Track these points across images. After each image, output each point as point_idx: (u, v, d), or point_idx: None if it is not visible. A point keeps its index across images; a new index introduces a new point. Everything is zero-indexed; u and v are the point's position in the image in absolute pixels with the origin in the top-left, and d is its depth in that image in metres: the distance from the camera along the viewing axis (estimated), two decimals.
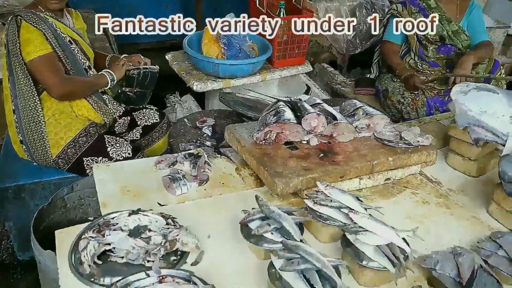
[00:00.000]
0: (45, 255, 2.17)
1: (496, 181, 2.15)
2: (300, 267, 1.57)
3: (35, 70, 2.69)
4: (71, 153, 2.91)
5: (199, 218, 1.98)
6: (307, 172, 2.12)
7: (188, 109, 4.18)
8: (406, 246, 1.72)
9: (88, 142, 2.93)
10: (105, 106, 3.02)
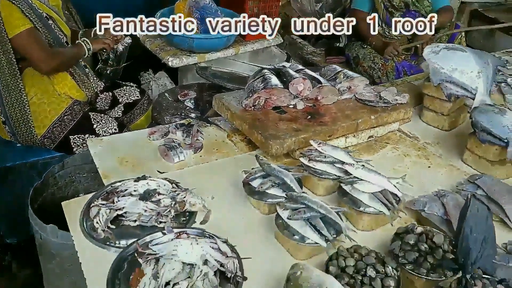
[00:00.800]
0: (48, 230, 2.22)
1: (468, 132, 2.36)
2: (306, 215, 1.71)
3: (20, 46, 2.67)
4: (57, 132, 2.92)
5: (200, 182, 2.07)
6: (298, 133, 2.24)
7: (163, 85, 4.20)
8: (398, 191, 1.88)
9: (74, 120, 2.94)
10: (88, 80, 3.04)
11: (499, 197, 1.90)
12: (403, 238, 1.67)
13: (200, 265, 1.53)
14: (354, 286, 1.48)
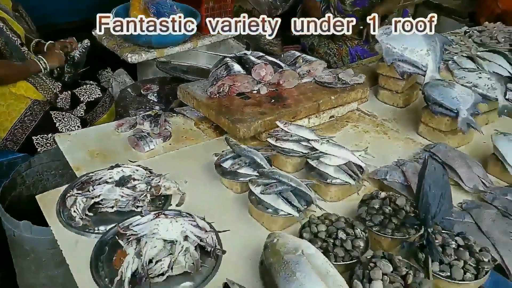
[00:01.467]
0: (21, 226, 2.21)
1: (421, 107, 2.52)
2: (278, 189, 1.80)
3: None
4: (19, 134, 2.89)
5: (172, 168, 2.13)
6: (263, 116, 2.33)
7: (123, 82, 4.20)
8: (361, 162, 2.01)
9: (35, 121, 2.92)
10: (44, 82, 3.02)
11: (452, 162, 2.06)
12: (368, 203, 1.80)
13: (181, 241, 1.60)
14: (327, 248, 1.59)
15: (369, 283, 1.44)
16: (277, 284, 1.44)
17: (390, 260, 1.51)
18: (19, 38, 2.96)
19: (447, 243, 1.58)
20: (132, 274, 1.52)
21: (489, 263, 1.55)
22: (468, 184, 2.01)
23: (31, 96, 2.94)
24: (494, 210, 1.82)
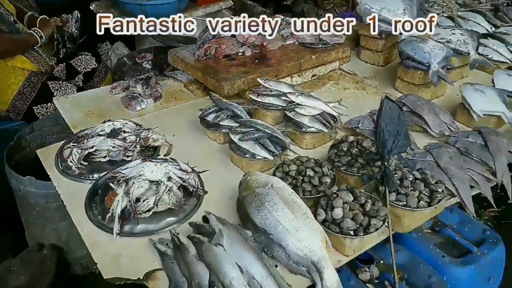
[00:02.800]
0: (26, 181, 2.41)
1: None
2: (255, 136, 1.97)
3: None
4: (20, 105, 3.06)
5: (161, 124, 2.30)
6: (247, 75, 2.48)
7: (121, 54, 4.34)
8: (334, 112, 2.16)
9: (34, 91, 3.08)
10: (39, 56, 3.17)
11: (420, 110, 2.20)
12: (338, 147, 1.96)
13: (165, 181, 1.77)
14: (296, 184, 1.76)
15: (331, 211, 1.61)
16: (249, 214, 1.61)
17: (352, 192, 1.68)
18: (11, 16, 3.11)
19: (405, 177, 1.74)
20: (122, 211, 1.70)
21: (442, 193, 1.71)
22: (435, 130, 2.16)
23: (28, 68, 3.09)
24: (453, 149, 1.97)
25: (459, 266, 1.91)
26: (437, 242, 2.04)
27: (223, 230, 1.54)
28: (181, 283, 1.48)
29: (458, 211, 2.15)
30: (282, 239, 1.52)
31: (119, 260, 1.61)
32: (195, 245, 1.53)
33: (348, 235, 1.58)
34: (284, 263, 1.55)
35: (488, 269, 1.98)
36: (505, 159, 1.94)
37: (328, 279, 1.47)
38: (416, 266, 1.91)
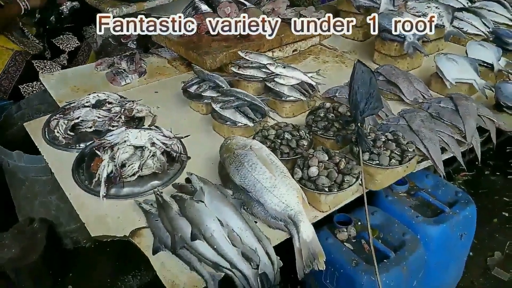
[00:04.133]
0: (14, 155, 2.46)
1: None
2: (235, 104, 2.04)
3: None
4: (5, 84, 3.09)
5: (146, 97, 2.36)
6: (228, 49, 2.55)
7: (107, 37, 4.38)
8: (312, 81, 2.24)
9: (19, 70, 3.11)
10: (27, 40, 3.20)
11: (395, 79, 2.29)
12: (315, 113, 2.04)
13: (149, 146, 1.84)
14: (275, 147, 1.84)
15: (307, 169, 1.70)
16: (229, 174, 1.69)
17: (327, 152, 1.76)
18: None
19: (378, 138, 1.83)
20: (108, 176, 1.78)
21: (413, 152, 1.81)
22: (409, 97, 2.25)
23: (11, 47, 3.12)
24: (425, 113, 2.06)
25: (431, 225, 2.01)
26: (412, 205, 2.13)
27: (204, 188, 1.61)
28: (165, 238, 1.56)
29: (432, 176, 2.25)
30: (261, 196, 1.61)
31: (106, 220, 1.68)
32: (177, 203, 1.61)
33: (323, 192, 1.67)
34: (263, 219, 1.63)
35: (460, 228, 2.08)
36: (474, 122, 2.03)
37: (304, 232, 1.56)
38: (391, 225, 2.01)
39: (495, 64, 2.40)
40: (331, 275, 1.92)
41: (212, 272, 1.48)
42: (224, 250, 1.49)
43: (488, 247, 2.77)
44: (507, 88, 2.16)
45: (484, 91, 2.26)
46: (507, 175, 3.32)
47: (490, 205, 3.05)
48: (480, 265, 2.66)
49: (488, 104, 2.24)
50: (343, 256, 1.87)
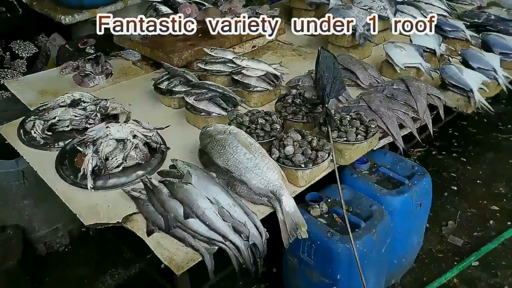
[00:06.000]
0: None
1: None
2: (208, 96, 2.17)
3: None
4: None
5: (117, 96, 2.42)
6: (193, 47, 2.67)
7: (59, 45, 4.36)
8: (277, 72, 2.40)
9: None
10: None
11: (352, 66, 2.50)
12: (283, 100, 2.20)
13: (131, 138, 1.93)
14: (251, 132, 1.98)
15: (283, 149, 1.85)
16: (212, 158, 1.81)
17: (299, 133, 1.92)
18: None
19: (343, 117, 2.01)
20: (93, 169, 1.85)
21: (375, 128, 2.00)
22: (364, 82, 2.45)
23: None
24: (382, 95, 2.27)
25: (394, 196, 2.21)
26: (375, 180, 2.33)
27: (191, 171, 1.73)
28: (158, 220, 1.65)
29: (390, 154, 2.46)
30: (244, 175, 1.74)
31: (97, 210, 1.75)
32: (167, 187, 1.71)
33: (300, 168, 1.82)
34: (246, 197, 1.77)
35: (419, 197, 2.30)
36: (425, 100, 2.26)
37: (286, 204, 1.71)
38: (358, 199, 2.19)
39: (437, 49, 2.67)
40: (309, 248, 2.08)
41: (207, 246, 1.60)
42: (216, 225, 1.61)
43: (442, 218, 3.03)
44: (450, 69, 2.41)
45: (430, 73, 2.51)
46: (452, 154, 3.63)
47: (439, 181, 3.33)
48: (436, 234, 2.91)
49: (434, 84, 2.48)
50: (318, 230, 2.03)
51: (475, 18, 3.21)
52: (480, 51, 2.66)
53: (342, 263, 1.98)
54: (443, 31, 2.91)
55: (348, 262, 1.96)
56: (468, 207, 3.10)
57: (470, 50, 2.63)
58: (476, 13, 3.32)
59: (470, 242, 2.83)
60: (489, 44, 2.73)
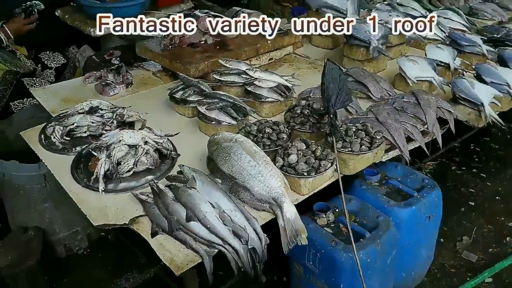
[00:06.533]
0: (10, 165, 2.59)
1: None
2: (219, 105, 2.24)
3: None
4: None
5: (134, 105, 2.52)
6: (210, 58, 2.76)
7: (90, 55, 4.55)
8: (288, 84, 2.45)
9: (10, 88, 3.25)
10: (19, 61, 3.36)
11: (363, 79, 2.53)
12: (292, 110, 2.25)
13: (142, 144, 2.01)
14: (257, 140, 2.03)
15: (287, 157, 1.90)
16: (218, 164, 1.87)
17: (304, 142, 1.97)
18: None
19: (349, 128, 2.04)
20: (105, 173, 1.94)
21: (380, 139, 2.03)
22: (376, 95, 2.48)
23: (2, 68, 3.26)
24: (391, 107, 2.29)
25: (402, 208, 2.22)
26: (384, 192, 2.34)
27: (195, 176, 1.79)
28: (162, 222, 1.72)
29: (402, 166, 2.47)
30: (247, 182, 1.79)
31: (106, 211, 1.83)
32: (172, 191, 1.78)
33: (302, 176, 1.86)
34: (249, 203, 1.82)
35: (427, 210, 2.29)
36: (434, 113, 2.27)
37: (287, 211, 1.75)
38: (366, 210, 2.21)
39: (451, 63, 2.67)
40: (313, 256, 2.11)
41: (207, 249, 1.65)
42: (217, 228, 1.66)
43: (457, 233, 3.00)
44: (461, 83, 2.41)
45: (442, 87, 2.52)
46: (472, 169, 3.59)
47: (457, 196, 3.30)
48: (450, 249, 2.88)
49: (446, 98, 2.48)
50: (323, 238, 2.06)
51: (495, 33, 3.19)
52: (495, 66, 2.64)
53: (345, 272, 2.00)
54: (459, 45, 2.91)
55: (351, 271, 1.98)
56: (485, 223, 3.06)
57: (484, 65, 2.62)
58: (496, 28, 3.30)
59: (485, 258, 2.79)
60: (504, 59, 2.72)
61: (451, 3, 3.70)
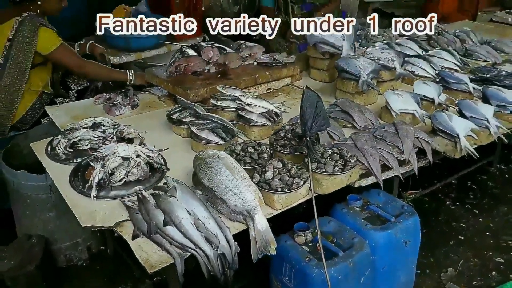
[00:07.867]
0: (19, 174, 2.81)
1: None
2: (210, 126, 2.43)
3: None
4: (29, 118, 3.47)
5: (135, 124, 2.74)
6: (209, 85, 2.97)
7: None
8: (277, 110, 2.63)
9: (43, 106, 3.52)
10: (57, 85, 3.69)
11: (349, 109, 2.69)
12: (277, 133, 2.42)
13: (134, 157, 2.20)
14: (239, 158, 2.20)
15: (264, 174, 2.05)
16: (199, 177, 2.04)
17: (281, 162, 2.13)
18: None
19: (326, 151, 2.20)
20: (98, 181, 2.12)
21: (354, 162, 2.17)
22: (360, 124, 2.63)
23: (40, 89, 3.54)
24: (369, 135, 2.44)
25: (378, 231, 2.33)
26: (364, 216, 2.45)
27: (176, 186, 1.96)
28: (142, 226, 1.88)
29: (384, 194, 2.59)
30: (224, 194, 1.95)
31: (94, 215, 2.01)
32: (154, 198, 1.95)
33: (276, 192, 2.01)
34: (225, 214, 1.97)
35: (403, 235, 2.39)
36: (411, 142, 2.40)
37: (258, 222, 1.89)
38: (343, 232, 2.32)
39: (436, 98, 2.81)
40: (289, 272, 2.23)
41: (180, 252, 1.80)
42: (190, 233, 1.81)
43: (443, 265, 3.05)
44: (440, 116, 2.54)
45: (424, 119, 2.66)
46: (465, 205, 3.65)
47: (447, 230, 3.36)
48: (434, 280, 2.93)
49: (427, 130, 2.62)
50: (298, 255, 2.18)
51: (486, 73, 3.33)
52: (475, 102, 2.78)
53: (316, 287, 2.11)
54: (447, 82, 3.06)
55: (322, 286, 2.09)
56: (472, 257, 3.11)
57: (466, 101, 2.75)
58: (488, 69, 3.44)
59: None
60: (487, 96, 2.85)
61: (447, 44, 3.87)
